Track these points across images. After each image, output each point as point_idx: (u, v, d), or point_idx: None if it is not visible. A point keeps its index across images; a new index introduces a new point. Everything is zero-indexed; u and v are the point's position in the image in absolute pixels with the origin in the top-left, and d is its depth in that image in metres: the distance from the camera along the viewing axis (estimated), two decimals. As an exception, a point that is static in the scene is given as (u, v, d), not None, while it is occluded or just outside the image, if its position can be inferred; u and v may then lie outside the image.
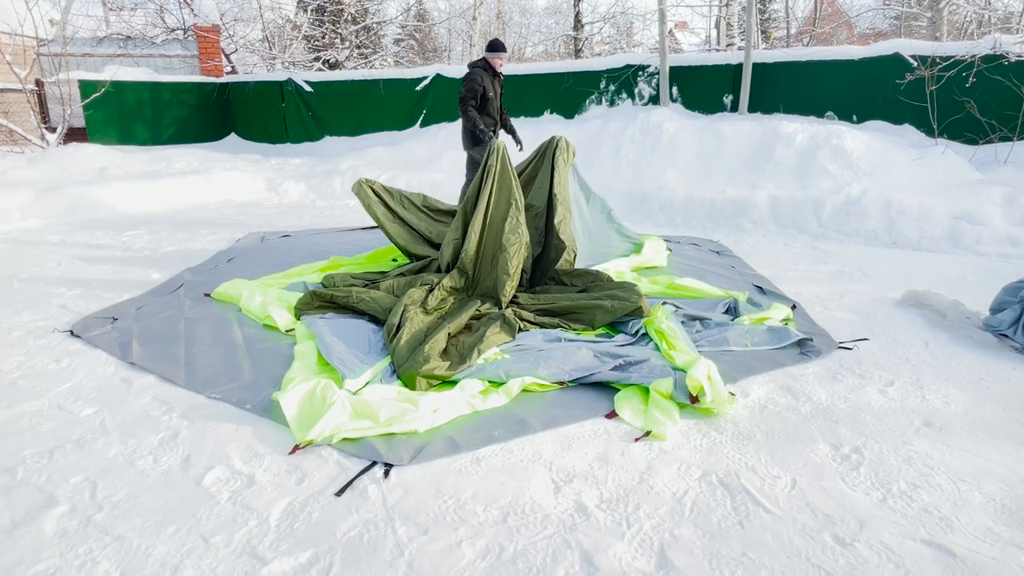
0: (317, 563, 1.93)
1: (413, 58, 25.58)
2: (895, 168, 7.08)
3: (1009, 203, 6.15)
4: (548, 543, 2.01)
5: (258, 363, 3.35)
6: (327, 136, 12.51)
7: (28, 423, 2.76)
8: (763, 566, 1.91)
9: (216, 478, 2.35)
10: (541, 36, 25.52)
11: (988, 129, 7.55)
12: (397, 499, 2.22)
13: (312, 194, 9.29)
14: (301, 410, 2.69)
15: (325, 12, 17.62)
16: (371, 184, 5.02)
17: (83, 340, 3.70)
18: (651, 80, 10.08)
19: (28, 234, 6.65)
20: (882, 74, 8.35)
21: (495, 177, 4.27)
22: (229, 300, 4.36)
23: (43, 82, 11.98)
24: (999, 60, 7.34)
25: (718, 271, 5.10)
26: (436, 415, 2.72)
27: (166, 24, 15.58)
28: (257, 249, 5.98)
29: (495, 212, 4.24)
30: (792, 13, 19.83)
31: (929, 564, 1.91)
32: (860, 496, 2.23)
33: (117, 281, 4.94)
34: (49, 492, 2.27)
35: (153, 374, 3.23)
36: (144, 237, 6.56)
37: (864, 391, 3.03)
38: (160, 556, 1.95)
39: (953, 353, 3.47)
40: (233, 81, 13.20)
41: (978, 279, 4.91)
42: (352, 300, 3.94)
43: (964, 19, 15.77)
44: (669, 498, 2.23)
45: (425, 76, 11.71)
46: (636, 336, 3.55)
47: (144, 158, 10.49)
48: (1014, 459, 2.45)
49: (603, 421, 2.76)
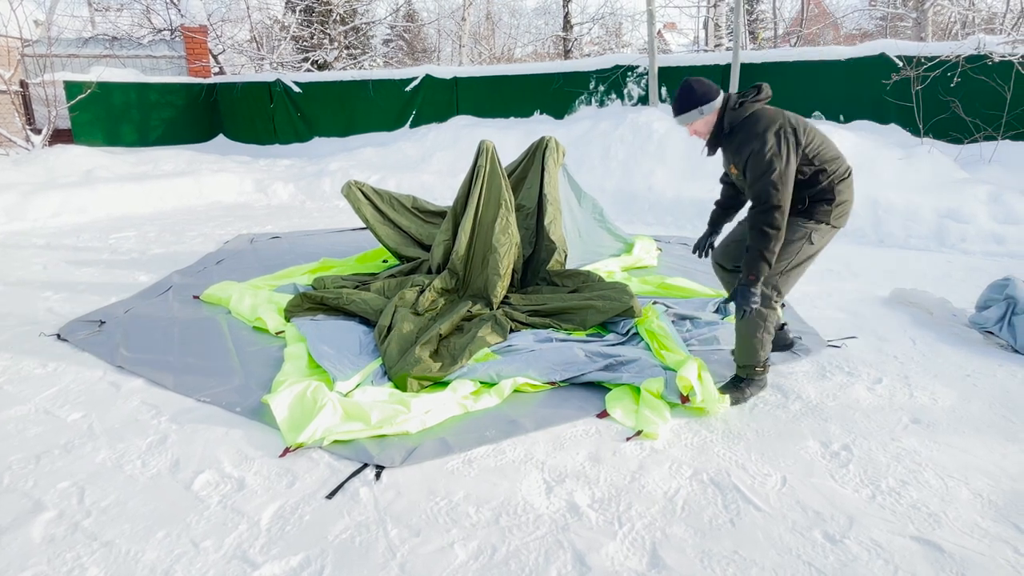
0: (308, 566, 1.92)
1: (402, 59, 25.54)
2: (881, 167, 7.15)
3: (994, 201, 6.22)
4: (540, 543, 2.01)
5: (248, 366, 3.34)
6: (316, 137, 12.45)
7: (14, 428, 2.73)
8: (754, 563, 1.92)
9: (206, 482, 2.33)
10: (530, 37, 25.54)
11: (973, 128, 7.63)
12: (389, 501, 2.22)
13: (301, 195, 9.25)
14: (291, 412, 2.68)
15: (313, 12, 17.54)
16: (360, 186, 5.00)
17: (70, 344, 3.66)
18: (640, 80, 10.11)
19: (13, 237, 6.57)
20: (868, 74, 8.42)
21: (484, 178, 4.26)
22: (218, 302, 4.33)
23: (28, 83, 11.85)
24: (983, 60, 7.42)
25: (708, 270, 5.12)
26: (428, 416, 2.71)
27: (153, 25, 15.48)
28: (246, 251, 5.95)
29: (485, 213, 4.24)
30: (779, 14, 19.96)
31: (918, 560, 1.93)
32: (849, 493, 2.25)
33: (104, 284, 4.90)
34: (36, 498, 2.25)
35: (141, 378, 3.21)
36: (131, 239, 6.51)
37: (853, 389, 3.05)
38: (149, 561, 1.94)
39: (940, 350, 3.51)
40: (221, 82, 13.11)
41: (964, 277, 4.96)
42: (342, 302, 3.92)
43: (948, 20, 15.95)
44: (661, 497, 2.24)
45: (415, 77, 11.69)
46: (627, 336, 3.56)
47: (131, 160, 10.40)
48: (1000, 455, 2.48)
49: (595, 421, 2.76)
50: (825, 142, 2.80)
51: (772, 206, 2.60)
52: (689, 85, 2.81)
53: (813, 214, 2.82)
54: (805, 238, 2.81)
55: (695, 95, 2.78)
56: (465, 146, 9.93)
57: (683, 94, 2.81)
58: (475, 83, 11.30)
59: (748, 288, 2.70)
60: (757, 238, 2.65)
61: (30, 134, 10.57)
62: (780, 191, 2.60)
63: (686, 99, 2.80)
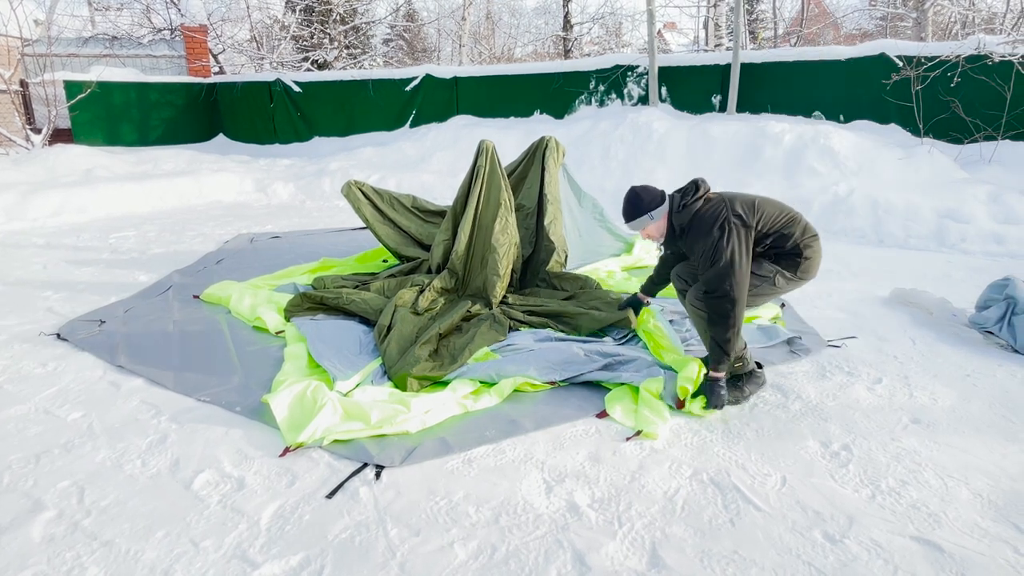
0: (308, 566, 1.92)
1: (402, 58, 25.54)
2: (882, 167, 7.15)
3: (993, 201, 6.22)
4: (540, 543, 2.01)
5: (248, 365, 3.33)
6: (316, 137, 12.46)
7: (14, 428, 2.72)
8: (754, 563, 1.92)
9: (206, 481, 2.33)
10: (530, 36, 25.53)
11: (973, 128, 7.63)
12: (389, 500, 2.22)
13: (301, 195, 9.25)
14: (291, 412, 2.68)
15: (313, 12, 17.54)
16: (360, 186, 5.00)
17: (70, 343, 3.66)
18: (640, 80, 10.11)
19: (13, 236, 6.57)
20: (868, 74, 8.42)
21: (484, 178, 4.26)
22: (218, 302, 4.33)
23: (28, 83, 11.84)
24: (983, 60, 7.42)
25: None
26: (428, 416, 2.71)
27: (153, 24, 15.47)
28: (246, 250, 5.95)
29: (484, 213, 4.24)
30: (779, 13, 19.95)
31: (918, 560, 1.93)
32: (849, 493, 2.25)
33: (104, 284, 4.90)
34: (36, 497, 2.25)
35: (141, 377, 3.21)
36: (132, 239, 6.51)
37: (853, 389, 3.05)
38: (149, 561, 1.94)
39: (940, 350, 3.51)
40: (221, 81, 13.11)
41: (964, 277, 4.96)
42: (342, 301, 3.92)
43: (948, 20, 15.94)
44: (660, 497, 2.24)
45: (415, 76, 11.69)
46: (625, 337, 3.56)
47: (131, 159, 10.40)
48: (1000, 455, 2.48)
49: (594, 421, 2.76)
50: (781, 213, 2.87)
51: (727, 297, 2.67)
52: (635, 193, 2.93)
53: (781, 264, 2.89)
54: (770, 278, 2.88)
55: (643, 203, 2.90)
56: (465, 146, 9.94)
57: (631, 202, 2.92)
58: (475, 83, 11.30)
59: (715, 384, 2.78)
60: (715, 328, 2.72)
61: (30, 133, 10.57)
62: (734, 283, 2.67)
63: (635, 207, 2.92)
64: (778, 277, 2.88)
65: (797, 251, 2.87)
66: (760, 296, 2.93)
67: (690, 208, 2.84)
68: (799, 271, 2.89)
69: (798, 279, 2.92)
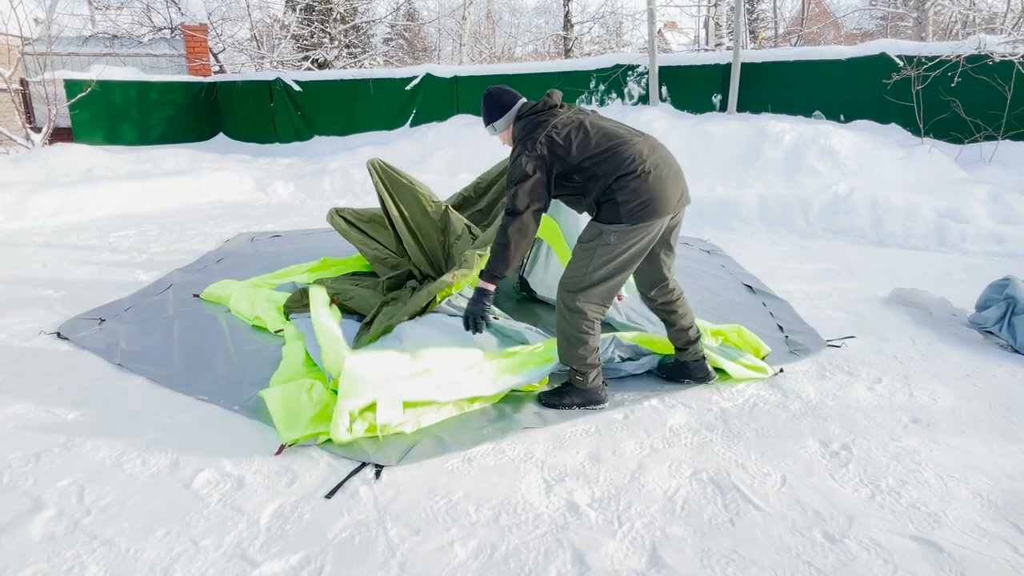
0: (308, 565, 1.92)
1: (403, 57, 25.54)
2: (882, 167, 7.15)
3: (994, 201, 6.22)
4: (540, 542, 2.01)
5: (247, 364, 3.34)
6: (316, 136, 12.45)
7: (14, 426, 2.73)
8: (753, 563, 1.92)
9: (205, 480, 2.33)
10: (531, 36, 25.54)
11: (973, 128, 7.63)
12: (388, 500, 2.22)
13: (301, 194, 9.25)
14: (288, 410, 2.68)
15: (314, 11, 17.53)
16: (342, 212, 4.92)
17: (70, 342, 3.66)
18: (640, 80, 10.10)
19: (13, 235, 6.57)
20: (869, 74, 8.41)
21: (387, 190, 4.29)
22: (218, 301, 4.33)
23: (28, 81, 11.83)
24: (983, 60, 7.42)
25: (708, 270, 5.12)
26: (423, 418, 2.71)
27: (153, 23, 15.45)
28: (247, 250, 5.95)
29: (412, 213, 4.29)
30: (780, 13, 19.94)
31: (917, 559, 1.93)
32: (849, 492, 2.25)
33: (104, 283, 4.90)
34: (36, 496, 2.25)
35: (141, 376, 3.21)
36: (132, 238, 6.51)
37: (852, 388, 3.05)
38: (149, 560, 1.94)
39: (940, 350, 3.51)
40: (221, 80, 13.10)
41: (964, 277, 4.96)
42: (342, 298, 3.93)
43: (949, 19, 15.94)
44: (660, 496, 2.24)
45: (415, 75, 11.68)
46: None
47: (131, 158, 10.40)
48: (1000, 455, 2.48)
49: (595, 420, 2.76)
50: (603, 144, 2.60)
51: (511, 210, 2.62)
52: (489, 95, 2.84)
53: (603, 217, 2.63)
54: (598, 238, 2.62)
55: (491, 110, 2.83)
56: (465, 145, 9.93)
57: (484, 105, 2.85)
58: (475, 82, 11.29)
59: (478, 292, 2.76)
60: (497, 238, 2.67)
61: (30, 132, 10.57)
62: (519, 197, 2.60)
63: (486, 112, 2.85)
64: (611, 235, 2.59)
65: (611, 194, 2.54)
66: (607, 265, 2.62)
67: (523, 119, 2.73)
68: (623, 215, 2.54)
69: (633, 226, 2.55)
